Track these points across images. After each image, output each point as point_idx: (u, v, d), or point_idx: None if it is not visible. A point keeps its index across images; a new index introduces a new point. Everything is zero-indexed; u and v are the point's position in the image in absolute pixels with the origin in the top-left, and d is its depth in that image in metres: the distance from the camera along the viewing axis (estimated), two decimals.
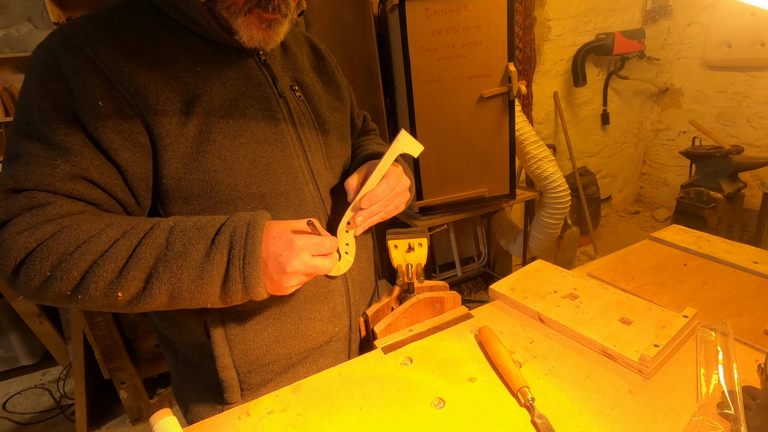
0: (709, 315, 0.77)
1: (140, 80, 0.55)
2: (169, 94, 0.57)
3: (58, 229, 0.51)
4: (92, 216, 0.54)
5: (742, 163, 2.56)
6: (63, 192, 0.53)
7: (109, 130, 0.54)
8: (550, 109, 3.05)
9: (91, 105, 0.53)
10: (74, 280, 0.51)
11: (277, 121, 0.65)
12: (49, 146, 0.52)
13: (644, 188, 3.81)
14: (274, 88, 0.67)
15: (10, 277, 0.52)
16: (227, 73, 0.62)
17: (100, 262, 0.51)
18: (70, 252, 0.50)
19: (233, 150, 0.60)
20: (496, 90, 1.79)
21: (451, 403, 0.62)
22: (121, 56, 0.55)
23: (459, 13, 1.65)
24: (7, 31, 1.99)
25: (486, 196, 1.96)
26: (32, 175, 0.51)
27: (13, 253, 0.50)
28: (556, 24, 2.84)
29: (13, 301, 2.05)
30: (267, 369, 0.70)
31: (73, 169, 0.53)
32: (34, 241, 0.50)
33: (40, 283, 0.51)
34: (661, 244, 1.04)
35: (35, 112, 0.53)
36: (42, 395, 2.19)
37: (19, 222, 0.50)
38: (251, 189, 0.63)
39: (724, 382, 0.60)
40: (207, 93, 0.59)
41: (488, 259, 2.85)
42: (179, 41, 0.60)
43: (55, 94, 0.53)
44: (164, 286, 0.53)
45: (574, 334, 0.73)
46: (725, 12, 2.87)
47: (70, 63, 0.53)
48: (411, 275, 0.78)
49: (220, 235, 0.55)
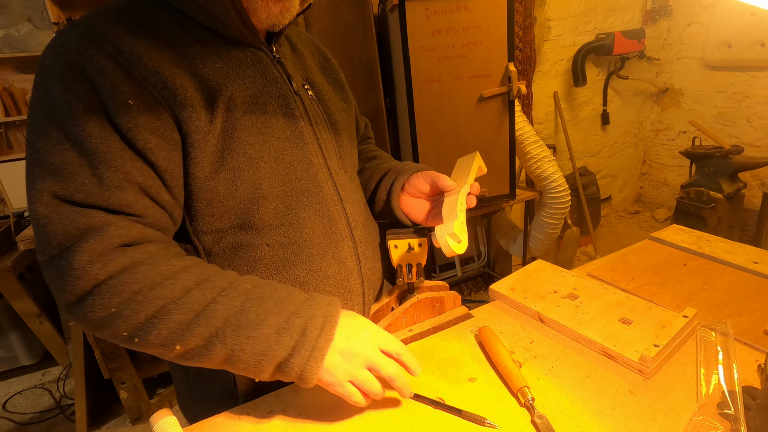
0: (709, 315, 0.77)
1: (166, 75, 0.54)
2: (193, 89, 0.56)
3: (131, 264, 0.49)
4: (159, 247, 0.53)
5: (742, 163, 2.56)
6: (115, 205, 0.51)
7: (143, 129, 0.52)
8: (550, 109, 3.05)
9: (121, 105, 0.51)
10: (138, 322, 0.49)
11: (295, 118, 0.65)
12: (87, 153, 0.50)
13: (644, 188, 3.81)
14: (290, 86, 0.66)
15: (71, 304, 0.49)
16: (244, 69, 0.61)
17: (170, 308, 0.49)
18: (142, 293, 0.49)
19: (257, 148, 0.60)
20: (496, 90, 1.79)
21: (451, 403, 0.61)
22: (143, 53, 0.53)
23: (459, 13, 1.65)
24: (7, 31, 2.00)
25: (486, 196, 1.96)
26: (81, 187, 0.49)
27: (82, 283, 0.48)
28: (556, 24, 2.84)
29: (13, 301, 2.06)
30: None
31: (118, 175, 0.51)
32: (106, 273, 0.48)
33: (102, 317, 0.49)
34: (661, 244, 1.04)
35: (65, 116, 0.50)
36: (42, 395, 2.19)
37: (87, 249, 0.48)
38: (274, 188, 0.62)
39: (724, 382, 0.60)
40: (228, 89, 0.58)
41: (488, 259, 2.85)
42: (194, 37, 0.58)
43: (84, 96, 0.50)
44: (225, 351, 0.51)
45: (574, 334, 0.73)
46: (725, 12, 2.87)
47: (94, 62, 0.51)
48: (411, 275, 0.78)
49: (294, 317, 0.53)
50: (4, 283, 2.00)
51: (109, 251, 0.49)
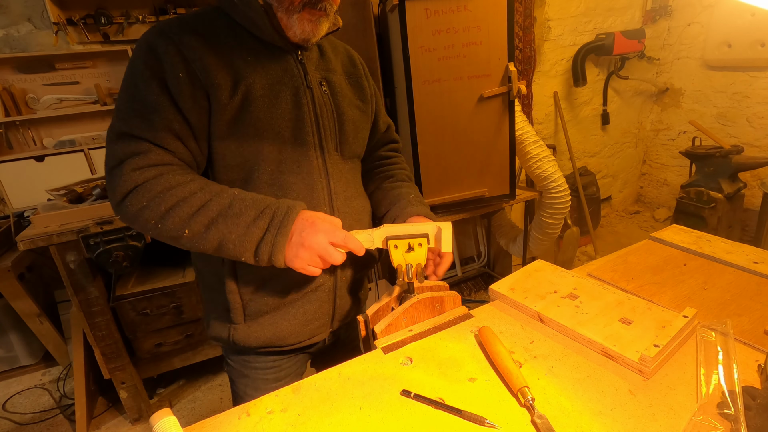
0: (709, 315, 0.77)
1: (208, 61, 0.74)
2: (224, 74, 0.75)
3: (158, 174, 0.71)
4: (180, 169, 0.74)
5: (742, 163, 2.56)
6: (157, 141, 0.72)
7: (185, 95, 0.73)
8: (550, 109, 3.05)
9: (174, 76, 0.72)
10: (160, 213, 0.70)
11: (301, 105, 0.82)
12: (147, 104, 0.72)
13: (644, 188, 3.81)
14: (303, 80, 0.83)
15: (119, 201, 0.71)
16: (270, 65, 0.80)
17: (181, 204, 0.70)
18: (163, 192, 0.70)
19: (264, 122, 0.78)
20: (496, 90, 1.79)
21: (451, 403, 0.61)
22: (197, 45, 0.74)
23: (459, 13, 1.65)
24: (7, 31, 1.99)
25: (486, 196, 1.96)
26: (137, 125, 0.72)
27: (127, 185, 0.70)
28: (556, 24, 2.84)
29: (13, 301, 2.05)
30: (263, 302, 0.86)
31: (163, 122, 0.72)
32: (142, 179, 0.70)
33: (137, 209, 0.70)
34: (661, 244, 1.04)
35: (138, 77, 0.73)
36: (42, 395, 2.19)
37: (132, 163, 0.70)
38: (272, 154, 0.80)
39: (724, 382, 0.60)
40: (251, 77, 0.77)
41: (488, 259, 2.85)
42: (238, 38, 0.78)
43: (152, 66, 0.72)
44: (218, 234, 0.71)
45: (574, 334, 0.73)
46: (725, 12, 2.87)
47: (162, 47, 0.73)
48: (411, 275, 0.78)
49: (267, 209, 0.73)
50: (4, 283, 2.00)
51: (146, 166, 0.71)
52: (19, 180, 2.08)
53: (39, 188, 1.98)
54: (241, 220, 0.72)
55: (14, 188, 2.10)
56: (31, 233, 1.57)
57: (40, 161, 2.09)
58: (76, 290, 1.67)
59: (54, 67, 2.06)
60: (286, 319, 0.88)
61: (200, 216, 0.71)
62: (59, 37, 2.00)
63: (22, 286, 2.04)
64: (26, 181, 2.07)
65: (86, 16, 1.98)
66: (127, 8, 2.04)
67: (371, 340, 0.79)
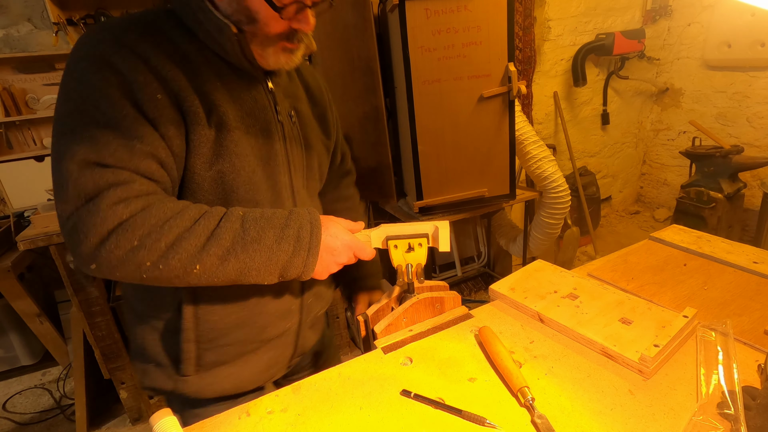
0: (709, 315, 0.77)
1: (180, 85, 0.64)
2: (197, 101, 0.65)
3: (147, 205, 0.58)
4: (167, 197, 0.62)
5: (742, 163, 2.56)
6: (141, 170, 0.60)
7: (166, 119, 0.62)
8: (550, 109, 3.04)
9: (151, 97, 0.61)
10: (160, 251, 0.58)
11: (273, 141, 0.75)
12: (121, 129, 0.59)
13: (644, 188, 3.81)
14: (275, 114, 0.76)
15: (96, 246, 0.56)
16: (240, 93, 0.71)
17: (186, 236, 0.59)
18: (159, 225, 0.58)
19: (239, 159, 0.69)
20: (496, 90, 1.79)
21: (451, 403, 0.61)
22: (165, 65, 0.63)
23: (459, 13, 1.65)
24: (7, 31, 1.99)
25: (486, 196, 1.96)
26: (114, 153, 0.58)
27: (108, 222, 0.56)
28: (556, 24, 2.84)
29: (13, 301, 2.05)
30: (223, 351, 0.77)
31: (148, 149, 0.60)
32: (128, 212, 0.57)
33: (126, 251, 0.57)
34: (661, 244, 1.04)
35: (102, 99, 0.59)
36: (42, 395, 2.19)
37: (112, 195, 0.56)
38: (248, 195, 0.72)
39: (724, 382, 0.60)
40: (223, 106, 0.68)
41: (488, 259, 2.85)
42: (204, 58, 0.68)
43: (119, 85, 0.59)
44: (238, 265, 0.63)
45: (574, 334, 0.73)
46: (725, 12, 2.87)
47: (126, 60, 0.60)
48: (411, 275, 0.78)
49: (287, 228, 0.66)
50: (4, 283, 2.00)
51: (131, 197, 0.58)
52: (19, 180, 2.08)
53: (39, 188, 1.98)
54: (261, 245, 0.64)
55: (14, 188, 2.10)
56: (31, 233, 1.57)
57: (40, 161, 2.09)
58: (76, 290, 1.67)
59: (54, 67, 2.06)
60: (246, 368, 0.80)
61: (212, 247, 0.61)
62: (59, 37, 2.00)
63: (22, 286, 2.04)
64: (26, 181, 2.08)
65: (86, 16, 1.98)
66: (126, 8, 2.04)
67: (371, 340, 0.79)
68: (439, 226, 0.80)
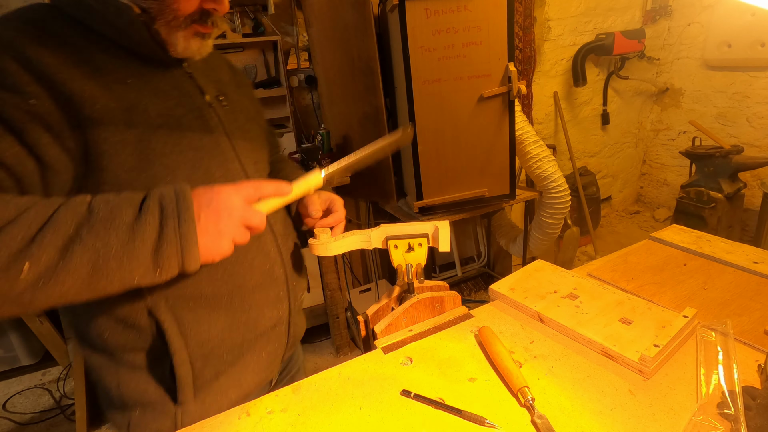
0: (709, 315, 0.77)
1: (75, 88, 0.55)
2: (105, 102, 0.57)
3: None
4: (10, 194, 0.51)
5: (742, 163, 2.56)
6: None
7: (39, 126, 0.53)
8: (550, 109, 3.05)
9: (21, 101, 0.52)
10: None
11: (211, 128, 0.68)
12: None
13: (644, 188, 3.81)
14: (203, 98, 0.69)
15: None
16: (158, 84, 0.63)
17: (7, 228, 0.45)
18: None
19: (173, 158, 0.62)
20: (496, 90, 1.79)
21: (451, 403, 0.61)
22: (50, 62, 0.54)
23: (459, 13, 1.65)
24: None
25: (486, 196, 1.96)
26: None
27: None
28: (556, 24, 2.84)
29: None
30: (221, 360, 0.70)
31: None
32: None
33: None
34: (661, 244, 1.04)
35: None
36: (42, 395, 2.19)
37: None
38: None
39: (724, 382, 0.60)
40: (142, 104, 0.60)
41: (488, 259, 2.85)
42: (104, 53, 0.59)
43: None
44: (87, 253, 0.48)
45: (574, 334, 0.73)
46: (725, 12, 2.87)
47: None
48: (411, 275, 0.78)
49: (148, 200, 0.53)
50: None
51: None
52: None
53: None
54: (116, 223, 0.49)
55: None
56: None
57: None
58: None
59: None
60: (247, 371, 0.73)
61: (47, 235, 0.46)
62: None
63: None
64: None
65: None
66: None
67: (371, 340, 0.79)
68: (439, 226, 0.80)
